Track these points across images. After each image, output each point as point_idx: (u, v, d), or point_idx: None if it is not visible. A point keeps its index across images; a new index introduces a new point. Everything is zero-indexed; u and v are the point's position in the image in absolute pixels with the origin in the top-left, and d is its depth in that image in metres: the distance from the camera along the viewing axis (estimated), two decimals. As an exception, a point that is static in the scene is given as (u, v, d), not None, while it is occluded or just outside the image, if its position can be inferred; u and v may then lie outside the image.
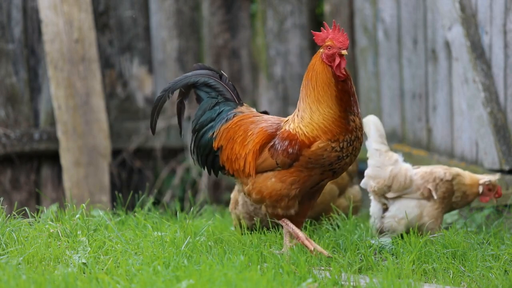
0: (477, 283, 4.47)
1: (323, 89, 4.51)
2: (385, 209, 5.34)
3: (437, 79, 6.85)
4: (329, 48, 4.51)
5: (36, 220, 5.26)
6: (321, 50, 4.53)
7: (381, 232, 5.32)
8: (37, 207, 6.98)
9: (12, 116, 7.36)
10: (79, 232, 5.01)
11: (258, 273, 4.23)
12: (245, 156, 4.65)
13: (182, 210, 6.96)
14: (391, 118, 7.41)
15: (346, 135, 4.51)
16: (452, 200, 5.33)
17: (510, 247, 4.95)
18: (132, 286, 4.11)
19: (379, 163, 5.30)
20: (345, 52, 4.48)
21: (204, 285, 4.04)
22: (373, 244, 4.92)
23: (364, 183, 5.34)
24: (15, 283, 4.09)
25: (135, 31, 7.75)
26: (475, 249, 4.92)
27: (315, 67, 4.54)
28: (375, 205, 5.36)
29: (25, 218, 5.28)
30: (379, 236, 5.27)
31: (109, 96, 7.70)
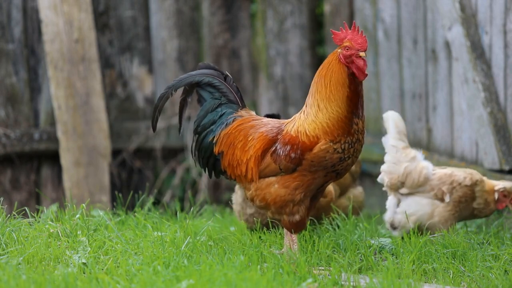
0: (477, 283, 4.47)
1: (336, 88, 4.50)
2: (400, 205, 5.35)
3: (437, 79, 6.85)
4: (347, 49, 4.49)
5: (36, 220, 5.26)
6: (339, 50, 4.51)
7: (393, 226, 5.32)
8: (37, 207, 6.98)
9: (12, 116, 7.36)
10: (79, 232, 5.01)
11: (258, 273, 4.23)
12: (246, 162, 4.63)
13: (182, 210, 6.96)
14: (391, 118, 7.40)
15: (347, 137, 4.51)
16: (473, 206, 5.30)
17: (510, 247, 4.95)
18: (132, 286, 4.11)
19: (395, 159, 5.31)
20: (363, 54, 4.47)
21: (204, 285, 4.04)
22: (373, 244, 4.92)
23: (380, 178, 5.36)
24: (15, 283, 4.09)
25: (135, 31, 7.75)
26: (475, 249, 4.92)
27: (331, 65, 4.52)
28: (391, 199, 5.37)
29: (25, 218, 5.28)
30: (391, 231, 5.29)
31: (109, 96, 7.70)
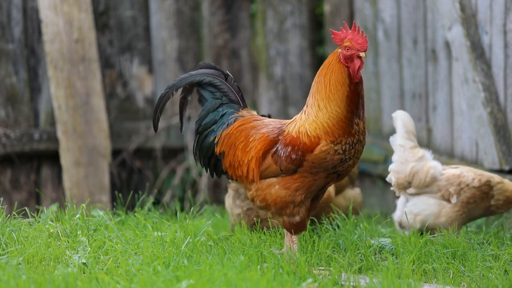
0: (477, 283, 4.47)
1: (336, 87, 4.50)
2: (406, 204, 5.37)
3: (437, 79, 6.85)
4: (347, 49, 4.49)
5: (36, 220, 5.26)
6: (339, 50, 4.50)
7: (401, 226, 5.33)
8: (37, 207, 6.98)
9: (12, 116, 7.36)
10: (79, 232, 5.01)
11: (258, 273, 4.23)
12: (248, 163, 4.62)
13: (182, 210, 6.95)
14: (391, 118, 7.37)
15: (348, 137, 4.50)
16: (490, 203, 5.28)
17: (510, 247, 4.95)
18: (132, 286, 4.10)
19: (402, 159, 5.32)
20: (363, 55, 4.47)
21: (204, 285, 4.04)
22: (373, 244, 4.91)
23: (388, 177, 5.38)
24: (15, 283, 4.09)
25: (135, 31, 7.75)
26: (475, 249, 4.92)
27: (331, 65, 4.51)
28: (401, 199, 5.40)
29: (25, 218, 5.28)
30: (400, 231, 5.30)
31: (109, 96, 7.70)
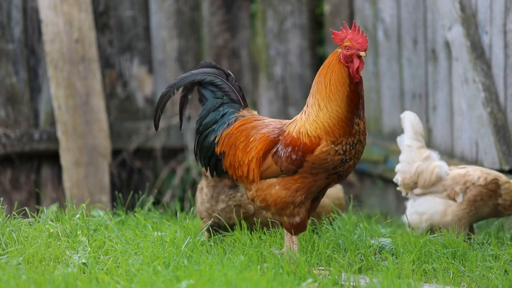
0: (477, 283, 4.47)
1: (336, 87, 4.49)
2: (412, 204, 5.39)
3: (437, 79, 6.85)
4: (347, 49, 4.48)
5: (36, 220, 5.26)
6: (339, 50, 4.49)
7: (410, 226, 5.36)
8: (37, 207, 6.98)
9: (12, 116, 7.36)
10: (79, 232, 5.01)
11: (258, 273, 4.23)
12: (248, 163, 4.62)
13: (182, 210, 6.95)
14: (391, 118, 7.41)
15: (348, 138, 4.49)
16: (498, 202, 5.28)
17: (510, 247, 4.95)
18: (132, 286, 4.10)
19: (409, 159, 5.35)
20: (363, 54, 4.45)
21: (204, 285, 4.04)
22: (373, 244, 4.91)
23: (395, 178, 5.40)
24: (15, 283, 4.09)
25: (135, 31, 7.75)
26: (475, 249, 4.92)
27: (331, 65, 4.50)
28: (410, 200, 5.42)
29: (25, 218, 5.28)
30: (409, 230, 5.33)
31: (109, 96, 7.70)
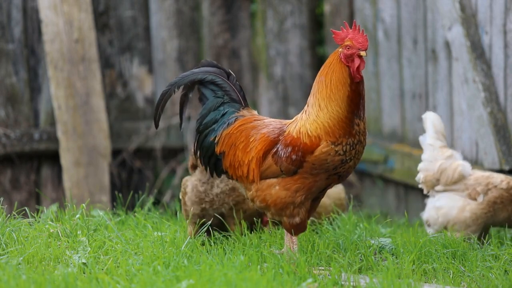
0: (477, 283, 4.47)
1: (336, 87, 4.48)
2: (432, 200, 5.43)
3: (437, 79, 6.85)
4: (348, 48, 4.47)
5: (36, 220, 5.26)
6: (340, 50, 4.48)
7: (427, 223, 5.40)
8: (37, 207, 6.98)
9: (12, 116, 7.36)
10: (79, 232, 5.01)
11: (258, 273, 4.23)
12: (248, 163, 4.61)
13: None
14: (391, 118, 7.41)
15: (349, 138, 4.48)
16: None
17: (510, 247, 4.95)
18: (132, 286, 4.10)
19: (431, 158, 5.40)
20: (364, 54, 4.44)
21: (204, 285, 4.04)
22: (373, 244, 4.91)
23: (417, 177, 5.44)
24: (15, 283, 4.09)
25: (135, 31, 7.75)
26: (475, 249, 4.92)
27: (332, 65, 4.49)
28: (430, 197, 5.45)
29: (25, 218, 5.28)
30: (427, 229, 5.33)
31: (109, 96, 7.70)
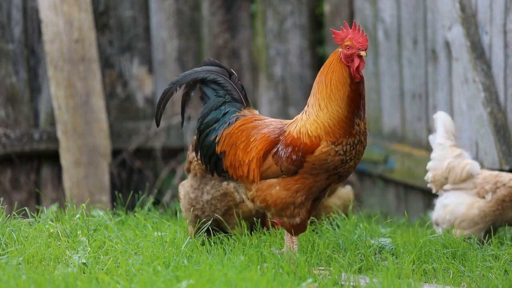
0: (477, 283, 4.47)
1: (336, 87, 4.47)
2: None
3: (437, 79, 6.85)
4: (348, 48, 4.46)
5: (36, 220, 5.26)
6: (340, 50, 4.48)
7: (436, 223, 5.41)
8: (37, 207, 6.98)
9: (12, 116, 7.36)
10: (79, 232, 5.01)
11: (258, 273, 4.23)
12: (248, 163, 4.61)
13: (182, 210, 6.95)
14: (391, 118, 7.41)
15: (349, 138, 4.48)
16: None
17: (510, 247, 4.95)
18: (132, 286, 4.10)
19: (440, 157, 5.41)
20: (364, 53, 4.44)
21: (204, 285, 4.04)
22: (373, 244, 4.92)
23: (426, 176, 5.46)
24: (15, 283, 4.09)
25: (135, 31, 7.75)
26: (475, 249, 4.92)
27: (332, 65, 4.49)
28: (439, 196, 5.46)
29: (25, 218, 5.28)
30: (436, 228, 5.34)
31: (109, 96, 7.70)
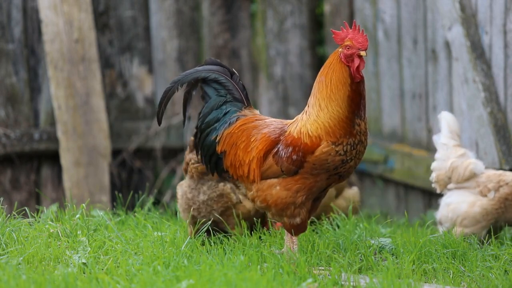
0: (477, 283, 4.47)
1: (337, 87, 4.47)
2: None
3: (437, 79, 6.85)
4: (348, 48, 4.46)
5: (36, 220, 5.26)
6: (340, 50, 4.47)
7: (439, 222, 5.42)
8: (37, 207, 6.98)
9: (12, 116, 7.36)
10: (79, 232, 5.01)
11: (258, 273, 4.23)
12: (249, 163, 4.60)
13: (182, 210, 6.95)
14: (391, 118, 7.41)
15: (349, 138, 4.47)
16: None
17: (510, 247, 4.95)
18: (132, 286, 4.11)
19: (444, 156, 5.42)
20: (364, 53, 4.44)
21: (204, 285, 4.04)
22: (373, 244, 4.92)
23: (431, 177, 5.46)
24: (15, 283, 4.09)
25: (135, 31, 7.75)
26: (475, 249, 4.92)
27: (332, 65, 4.48)
28: (443, 196, 5.47)
29: (25, 218, 5.28)
30: (439, 227, 5.36)
31: (109, 96, 7.70)
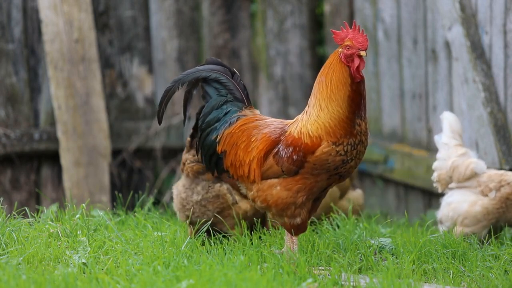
0: (477, 283, 4.47)
1: (337, 87, 4.47)
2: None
3: (437, 79, 6.85)
4: (348, 48, 4.46)
5: (36, 220, 5.26)
6: (340, 50, 4.47)
7: (440, 221, 5.43)
8: (37, 207, 6.99)
9: (12, 116, 7.36)
10: (79, 232, 5.01)
11: (258, 273, 4.23)
12: (249, 163, 4.60)
13: (182, 210, 6.94)
14: (391, 118, 7.41)
15: (350, 138, 4.47)
16: None
17: (510, 247, 4.95)
18: (132, 286, 4.11)
19: (445, 156, 5.43)
20: (364, 53, 4.44)
21: (204, 285, 4.04)
22: (373, 244, 4.92)
23: (433, 176, 5.47)
24: (15, 283, 4.09)
25: (135, 31, 7.75)
26: (475, 249, 4.92)
27: (332, 65, 4.48)
28: (445, 196, 5.48)
29: (25, 218, 5.28)
30: (440, 226, 5.36)
31: (109, 96, 7.70)
